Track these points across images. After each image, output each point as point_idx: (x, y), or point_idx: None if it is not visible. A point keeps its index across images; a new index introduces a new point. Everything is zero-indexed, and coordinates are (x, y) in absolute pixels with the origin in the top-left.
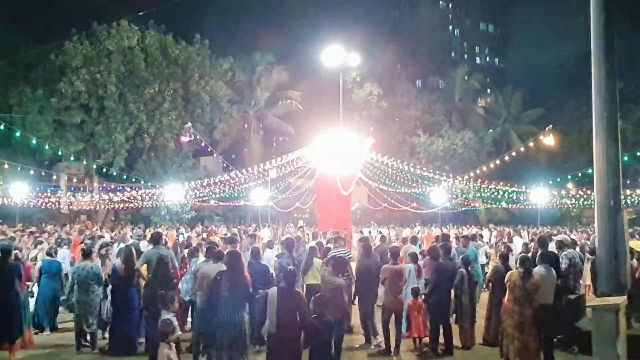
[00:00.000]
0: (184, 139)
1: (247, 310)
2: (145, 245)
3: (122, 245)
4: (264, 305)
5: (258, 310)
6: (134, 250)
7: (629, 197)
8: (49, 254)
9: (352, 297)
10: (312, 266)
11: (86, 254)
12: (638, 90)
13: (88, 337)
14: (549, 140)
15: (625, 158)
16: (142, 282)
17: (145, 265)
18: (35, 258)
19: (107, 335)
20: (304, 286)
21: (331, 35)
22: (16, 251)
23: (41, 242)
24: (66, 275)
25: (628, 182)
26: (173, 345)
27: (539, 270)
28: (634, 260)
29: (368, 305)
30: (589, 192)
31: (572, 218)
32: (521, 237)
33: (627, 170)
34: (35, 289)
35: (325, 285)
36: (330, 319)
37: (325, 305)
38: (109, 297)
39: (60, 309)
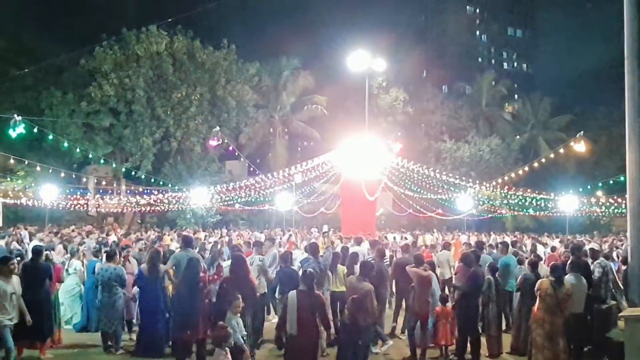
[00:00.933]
0: (212, 142)
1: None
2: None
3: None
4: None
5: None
6: (160, 253)
7: None
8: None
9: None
10: (335, 272)
11: (109, 256)
12: None
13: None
14: (579, 146)
15: None
16: (170, 285)
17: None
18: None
19: (134, 337)
20: (330, 292)
21: (357, 40)
22: (47, 252)
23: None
24: None
25: None
26: (228, 351)
27: (569, 278)
28: None
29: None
30: (619, 200)
31: (601, 226)
32: (544, 246)
33: None
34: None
35: (353, 291)
36: (362, 324)
37: (359, 308)
38: (137, 300)
39: None
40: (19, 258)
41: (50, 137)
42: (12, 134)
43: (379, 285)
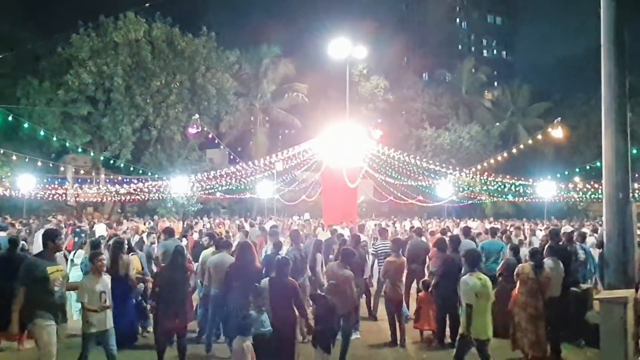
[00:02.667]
0: (192, 130)
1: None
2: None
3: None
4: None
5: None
6: (123, 243)
7: (637, 191)
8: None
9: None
10: (316, 261)
11: (94, 247)
12: None
13: None
14: (557, 132)
15: (635, 151)
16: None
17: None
18: None
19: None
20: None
21: (338, 27)
22: (23, 242)
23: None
24: None
25: (637, 175)
26: (250, 339)
27: (547, 262)
28: None
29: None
30: (596, 185)
31: (578, 211)
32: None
33: (635, 164)
34: None
35: (334, 277)
36: (341, 311)
37: (336, 293)
38: None
39: None
40: None
41: (27, 125)
42: None
43: (357, 272)
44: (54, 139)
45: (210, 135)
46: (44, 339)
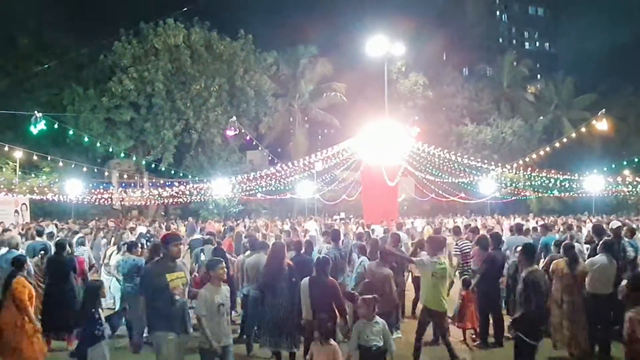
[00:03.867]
0: (229, 132)
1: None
2: None
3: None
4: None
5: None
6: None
7: None
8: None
9: None
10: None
11: (129, 248)
12: None
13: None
14: (602, 125)
15: None
16: None
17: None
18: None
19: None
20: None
21: (375, 24)
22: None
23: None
24: None
25: None
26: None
27: (600, 259)
28: None
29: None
30: None
31: (629, 206)
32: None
33: None
34: None
35: (372, 277)
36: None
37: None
38: None
39: None
40: (42, 252)
41: (72, 132)
42: (34, 130)
43: (397, 271)
44: (99, 144)
45: (248, 137)
46: (163, 351)
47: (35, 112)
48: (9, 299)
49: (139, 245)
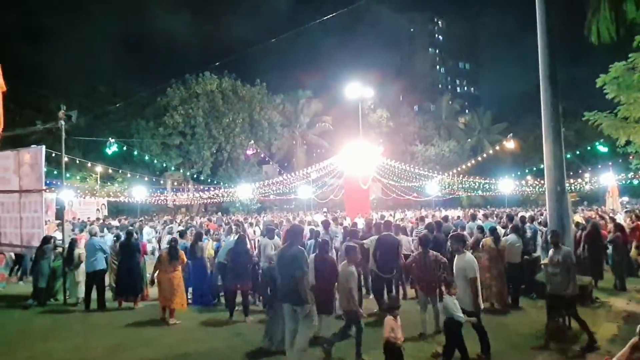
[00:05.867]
0: (249, 152)
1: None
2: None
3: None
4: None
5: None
6: (201, 234)
7: (573, 185)
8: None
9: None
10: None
11: (181, 235)
12: (577, 107)
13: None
14: (510, 145)
15: (569, 156)
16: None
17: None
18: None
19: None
20: None
21: (352, 75)
22: (135, 234)
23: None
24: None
25: (571, 173)
26: (398, 318)
27: (510, 237)
28: (578, 230)
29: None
30: (542, 182)
31: (531, 201)
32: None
33: (570, 165)
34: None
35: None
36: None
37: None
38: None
39: None
40: (115, 238)
41: (137, 153)
42: (109, 151)
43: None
44: (156, 161)
45: (263, 155)
46: (314, 320)
47: (110, 138)
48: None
49: (187, 233)
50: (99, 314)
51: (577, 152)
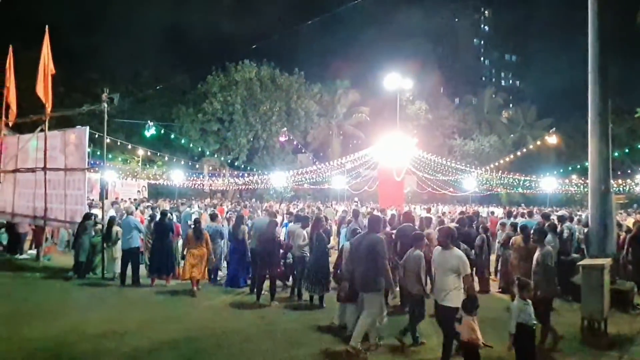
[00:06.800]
0: (282, 138)
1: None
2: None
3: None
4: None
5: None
6: (243, 217)
7: (621, 186)
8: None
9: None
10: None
11: (212, 218)
12: (631, 104)
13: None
14: (552, 139)
15: (617, 154)
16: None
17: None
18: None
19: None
20: None
21: (391, 65)
22: (169, 214)
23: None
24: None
25: (619, 173)
26: (476, 318)
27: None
28: (622, 232)
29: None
30: (587, 181)
31: (575, 201)
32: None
33: (620, 165)
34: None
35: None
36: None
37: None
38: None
39: None
40: (150, 218)
41: (176, 137)
42: (147, 133)
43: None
44: (195, 146)
45: (296, 144)
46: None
47: (148, 121)
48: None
49: (219, 216)
50: (133, 290)
51: (627, 151)
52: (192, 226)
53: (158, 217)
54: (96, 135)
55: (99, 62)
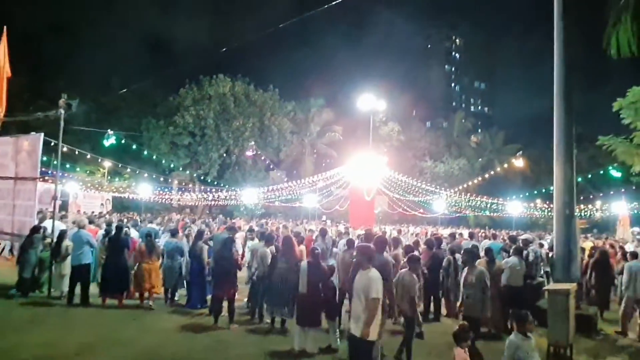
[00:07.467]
0: (248, 153)
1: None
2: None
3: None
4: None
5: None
6: (203, 233)
7: (583, 211)
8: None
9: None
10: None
11: (172, 234)
12: (592, 132)
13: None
14: (519, 162)
15: (580, 179)
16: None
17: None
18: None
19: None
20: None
21: (365, 86)
22: (126, 229)
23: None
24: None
25: (582, 198)
26: (466, 349)
27: (512, 260)
28: (585, 256)
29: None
30: (551, 205)
31: (539, 225)
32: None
33: (582, 191)
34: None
35: (342, 261)
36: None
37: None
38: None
39: None
40: (105, 233)
41: (146, 152)
42: (106, 143)
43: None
44: (164, 160)
45: (264, 159)
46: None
47: (108, 130)
48: None
49: (179, 232)
50: (81, 309)
51: (589, 177)
52: (145, 239)
53: (114, 232)
54: (52, 144)
55: (69, 70)
